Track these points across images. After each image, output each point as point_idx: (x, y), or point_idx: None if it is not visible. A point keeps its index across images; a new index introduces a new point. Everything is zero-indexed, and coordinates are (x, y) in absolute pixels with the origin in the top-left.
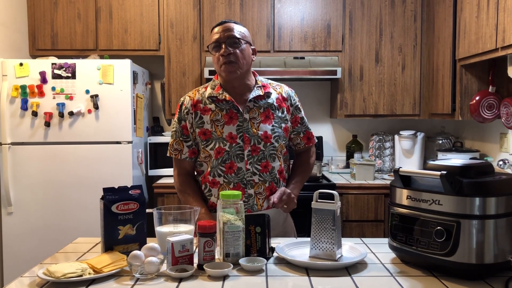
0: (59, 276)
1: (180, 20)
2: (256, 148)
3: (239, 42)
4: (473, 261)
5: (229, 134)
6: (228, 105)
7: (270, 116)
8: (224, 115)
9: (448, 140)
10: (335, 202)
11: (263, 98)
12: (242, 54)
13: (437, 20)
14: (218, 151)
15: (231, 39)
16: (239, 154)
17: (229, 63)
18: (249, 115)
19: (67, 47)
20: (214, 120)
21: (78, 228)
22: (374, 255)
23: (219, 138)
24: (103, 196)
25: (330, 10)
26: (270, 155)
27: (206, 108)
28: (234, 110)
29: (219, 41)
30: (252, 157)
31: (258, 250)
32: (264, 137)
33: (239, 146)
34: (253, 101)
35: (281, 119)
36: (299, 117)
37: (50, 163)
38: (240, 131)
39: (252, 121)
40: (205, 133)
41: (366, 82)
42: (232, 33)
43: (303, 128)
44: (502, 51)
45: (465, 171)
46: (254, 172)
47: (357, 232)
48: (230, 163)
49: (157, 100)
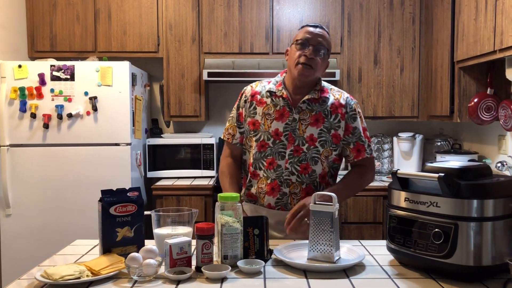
0: (57, 279)
1: (179, 22)
2: (299, 149)
3: (325, 53)
4: (471, 263)
5: (275, 130)
6: (283, 102)
7: (320, 120)
8: (276, 111)
9: (446, 142)
10: (333, 204)
11: (318, 102)
12: (322, 63)
13: (435, 22)
14: (262, 144)
15: (320, 46)
16: (281, 152)
17: (307, 67)
18: (299, 115)
19: (66, 49)
20: (266, 113)
21: (76, 230)
22: (372, 257)
23: (265, 132)
24: (101, 198)
25: (328, 12)
26: (312, 158)
27: (262, 100)
28: (287, 109)
29: (309, 41)
30: (293, 157)
31: (256, 252)
32: (310, 140)
33: (283, 144)
34: (306, 103)
35: (331, 125)
36: (351, 126)
37: (48, 165)
38: (287, 129)
39: (301, 122)
40: (254, 124)
41: (364, 84)
42: (323, 42)
43: (354, 138)
44: (500, 53)
45: (463, 173)
46: (292, 172)
47: (355, 234)
48: (271, 159)
49: (156, 102)
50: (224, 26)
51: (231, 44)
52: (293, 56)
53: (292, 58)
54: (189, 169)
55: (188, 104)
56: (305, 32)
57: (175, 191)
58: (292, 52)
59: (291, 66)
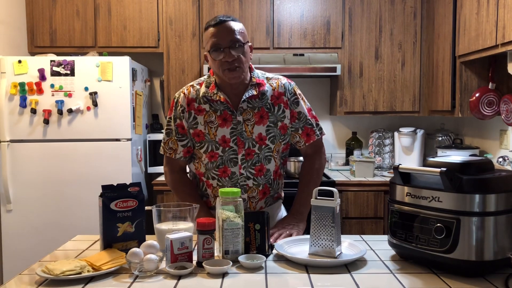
0: (58, 274)
1: (179, 17)
2: (251, 152)
3: (242, 46)
4: (472, 258)
5: (222, 138)
6: (223, 106)
7: (265, 116)
8: (218, 116)
9: (447, 137)
10: (334, 199)
11: (257, 97)
12: (245, 57)
13: (437, 16)
14: (212, 155)
15: (234, 43)
16: (233, 159)
17: (234, 69)
18: (242, 117)
19: (65, 44)
20: (208, 121)
21: (77, 226)
22: (374, 252)
23: (211, 141)
24: (102, 194)
25: (329, 6)
26: (265, 157)
27: (200, 108)
28: (229, 112)
29: (221, 44)
30: (246, 161)
31: (258, 248)
32: (259, 140)
33: (233, 150)
34: (246, 102)
35: (277, 117)
36: (296, 111)
37: (49, 160)
38: (234, 134)
39: (246, 123)
40: (198, 135)
41: (365, 79)
42: (234, 36)
43: (301, 123)
44: (502, 48)
45: (465, 168)
46: (248, 176)
47: (356, 229)
48: (223, 168)
49: (156, 97)
50: None
51: None
52: (214, 64)
53: (214, 65)
54: None
55: None
56: (212, 35)
57: None
58: (211, 61)
59: (218, 73)
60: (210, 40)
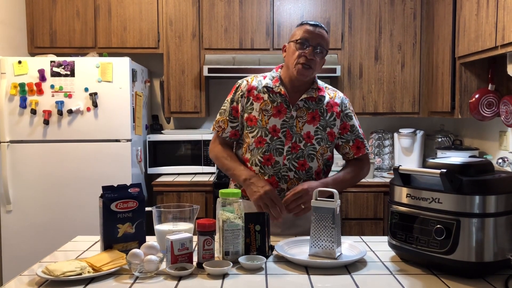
0: (58, 275)
1: (179, 18)
2: (296, 146)
3: (323, 53)
4: (472, 259)
5: (273, 127)
6: (281, 99)
7: (317, 118)
8: (274, 107)
9: (447, 138)
10: (334, 200)
11: (314, 100)
12: (320, 63)
13: (436, 18)
14: (259, 140)
15: (320, 47)
16: (279, 149)
17: (307, 67)
18: (296, 113)
19: (65, 44)
20: (263, 109)
21: (77, 226)
22: (374, 253)
23: (262, 128)
24: (102, 194)
25: (329, 7)
26: (308, 155)
27: (259, 96)
28: (285, 105)
29: (309, 41)
30: (291, 154)
31: (258, 249)
32: (306, 137)
33: (280, 140)
34: (304, 101)
35: (327, 123)
36: (349, 124)
37: (49, 161)
38: (285, 126)
39: (298, 119)
40: (251, 120)
41: (365, 80)
42: (322, 42)
43: (353, 136)
44: (501, 49)
45: (465, 169)
46: (290, 168)
47: (356, 230)
48: (269, 156)
49: (156, 98)
50: (224, 21)
51: (231, 40)
52: (292, 54)
53: (291, 56)
54: (190, 165)
55: (188, 100)
56: (305, 31)
57: (175, 187)
58: (291, 51)
59: (290, 64)
60: (302, 33)
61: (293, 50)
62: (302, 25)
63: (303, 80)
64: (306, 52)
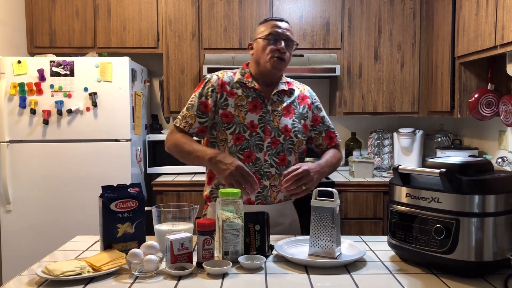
0: (58, 275)
1: (178, 18)
2: (276, 141)
3: (292, 48)
4: (472, 258)
5: (250, 122)
6: (255, 94)
7: (291, 111)
8: (249, 102)
9: (447, 137)
10: (334, 200)
11: (286, 94)
12: (289, 57)
13: (436, 17)
14: (238, 137)
15: (290, 41)
16: (259, 145)
17: (281, 61)
18: (271, 107)
19: (65, 44)
20: (238, 104)
21: (77, 226)
22: (373, 253)
23: (240, 124)
24: (102, 194)
25: (329, 7)
26: (287, 148)
27: (233, 91)
28: (260, 100)
29: (280, 36)
30: (271, 149)
31: (257, 248)
32: (284, 131)
33: (259, 136)
34: (277, 95)
35: (301, 115)
36: (319, 116)
37: (48, 161)
38: (262, 121)
39: (274, 113)
40: (227, 116)
41: (365, 80)
42: (291, 37)
43: (325, 127)
44: (501, 49)
45: (464, 169)
46: (271, 164)
47: (356, 230)
48: (249, 152)
49: (156, 98)
50: (224, 21)
51: (231, 39)
52: (263, 50)
53: (262, 52)
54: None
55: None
56: (273, 26)
57: (175, 187)
58: (261, 47)
59: (261, 60)
60: (270, 29)
61: (263, 46)
62: (267, 21)
63: (276, 74)
64: (279, 46)
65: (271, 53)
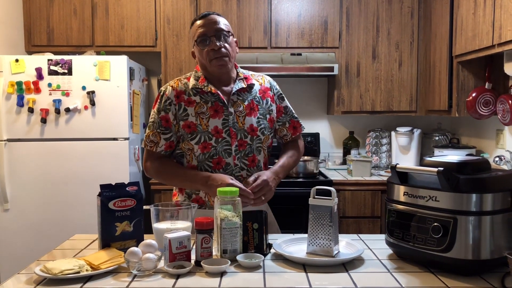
0: (56, 273)
1: (176, 16)
2: (243, 143)
3: (227, 35)
4: (469, 257)
5: (214, 128)
6: (214, 98)
7: (255, 108)
8: (209, 108)
9: (444, 136)
10: (332, 198)
11: (246, 91)
12: (231, 47)
13: (434, 16)
14: (204, 146)
15: (219, 32)
16: (227, 150)
17: (221, 58)
18: (233, 108)
19: (63, 43)
20: (199, 112)
21: (75, 225)
22: (371, 251)
23: (204, 132)
24: (100, 193)
25: (327, 6)
26: (256, 148)
27: (191, 99)
28: (220, 103)
29: (207, 34)
30: (240, 152)
31: (256, 247)
32: (250, 130)
33: (226, 141)
34: (236, 94)
35: (266, 110)
36: (282, 106)
37: (46, 159)
38: (226, 125)
39: (237, 114)
40: (189, 126)
41: (363, 79)
42: (219, 26)
43: (288, 117)
44: (498, 48)
45: (462, 168)
46: (242, 167)
47: (354, 229)
48: (218, 159)
49: (154, 97)
50: None
51: None
52: (200, 55)
53: (203, 57)
54: None
55: None
56: (198, 27)
57: None
58: (198, 52)
59: (206, 64)
60: (196, 32)
61: (199, 51)
62: (193, 24)
63: (226, 72)
64: (211, 46)
65: (208, 56)
